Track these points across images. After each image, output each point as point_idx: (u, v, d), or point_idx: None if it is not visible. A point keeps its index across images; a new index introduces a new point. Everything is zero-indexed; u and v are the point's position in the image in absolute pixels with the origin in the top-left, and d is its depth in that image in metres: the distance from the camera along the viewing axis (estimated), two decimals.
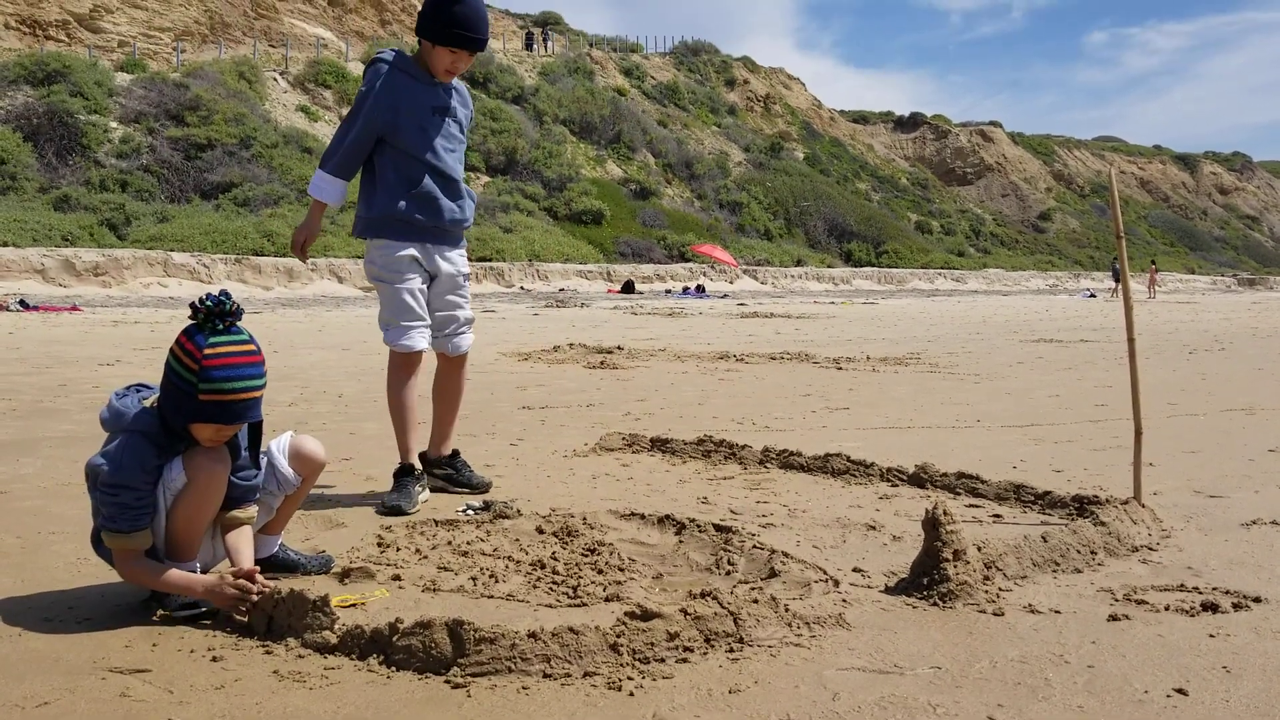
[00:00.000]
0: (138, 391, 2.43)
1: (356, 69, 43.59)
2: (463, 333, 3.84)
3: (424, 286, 3.71)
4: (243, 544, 2.46)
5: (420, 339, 3.68)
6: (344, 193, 3.65)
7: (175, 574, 2.33)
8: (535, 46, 55.81)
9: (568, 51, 59.81)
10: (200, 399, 2.29)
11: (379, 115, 3.53)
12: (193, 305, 2.34)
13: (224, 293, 2.36)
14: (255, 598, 2.25)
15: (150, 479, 2.31)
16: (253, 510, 2.52)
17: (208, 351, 2.29)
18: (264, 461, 2.60)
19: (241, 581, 2.27)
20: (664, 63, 67.24)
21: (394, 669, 2.05)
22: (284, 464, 2.61)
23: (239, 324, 2.37)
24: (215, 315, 2.32)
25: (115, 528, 2.29)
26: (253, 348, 2.36)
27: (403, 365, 3.70)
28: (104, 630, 2.28)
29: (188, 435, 2.36)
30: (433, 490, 3.77)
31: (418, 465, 3.69)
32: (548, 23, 66.23)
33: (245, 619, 2.27)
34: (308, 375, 7.82)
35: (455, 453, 3.87)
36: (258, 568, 2.37)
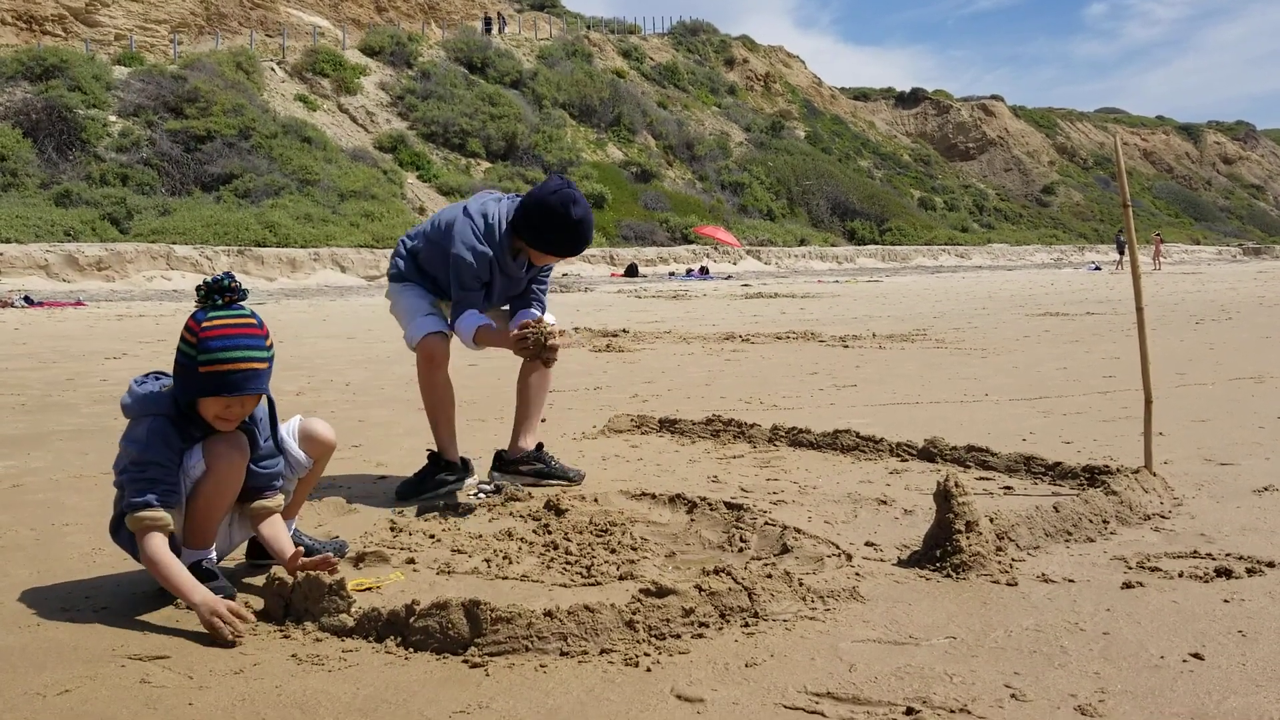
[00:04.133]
0: (157, 379, 2.46)
1: (354, 57, 43.45)
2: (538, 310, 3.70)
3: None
4: (279, 533, 2.49)
5: (434, 323, 3.52)
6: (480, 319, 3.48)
7: (184, 579, 2.24)
8: (493, 28, 54.94)
9: (565, 34, 59.51)
10: (200, 371, 2.32)
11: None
12: (197, 288, 2.40)
13: (226, 274, 2.41)
14: (231, 639, 2.11)
15: (175, 458, 2.33)
16: (280, 499, 2.54)
17: (205, 324, 2.34)
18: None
19: (231, 620, 2.14)
20: (662, 44, 66.87)
21: (412, 650, 2.06)
22: (294, 446, 2.63)
23: (242, 303, 2.41)
24: (215, 291, 2.37)
25: (144, 501, 2.27)
26: (253, 321, 2.39)
27: (424, 359, 3.52)
28: (122, 618, 2.29)
29: (197, 416, 2.39)
30: (524, 485, 3.59)
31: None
32: (544, 5, 65.87)
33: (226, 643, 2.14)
34: (314, 364, 7.83)
35: (540, 445, 3.72)
36: (304, 555, 2.40)
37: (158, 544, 2.27)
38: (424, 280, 3.65)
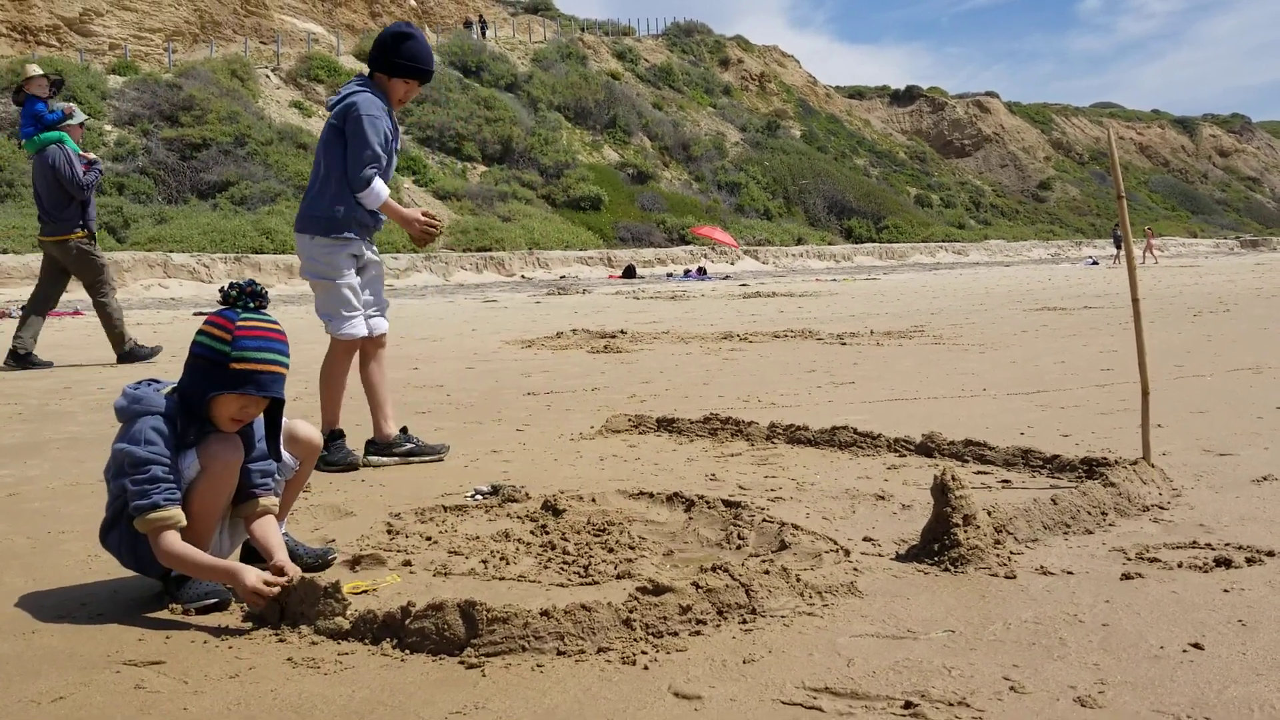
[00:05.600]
0: (150, 384, 2.46)
1: (349, 63, 43.44)
2: (382, 316, 4.31)
3: (358, 280, 4.19)
4: (270, 534, 2.47)
5: (363, 326, 4.18)
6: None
7: (209, 561, 2.32)
8: (474, 31, 54.62)
9: (559, 37, 59.52)
10: (231, 368, 2.36)
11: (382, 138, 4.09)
12: (222, 290, 2.46)
13: (251, 280, 2.50)
14: (272, 592, 2.23)
15: (174, 456, 2.33)
16: (274, 499, 2.54)
17: (240, 323, 2.40)
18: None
19: (266, 576, 2.26)
20: (657, 45, 66.88)
21: (408, 652, 2.05)
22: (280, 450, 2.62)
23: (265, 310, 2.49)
24: (247, 295, 2.45)
25: (151, 502, 2.27)
26: (279, 328, 2.48)
27: (348, 351, 4.17)
28: (117, 625, 2.28)
29: (207, 416, 2.39)
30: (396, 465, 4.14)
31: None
32: (538, 8, 65.88)
33: (257, 611, 2.27)
34: (311, 370, 7.78)
35: (404, 429, 4.25)
36: (292, 564, 2.38)
37: (173, 539, 2.28)
38: (351, 213, 4.08)
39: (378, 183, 4.04)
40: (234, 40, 45.14)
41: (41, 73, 8.63)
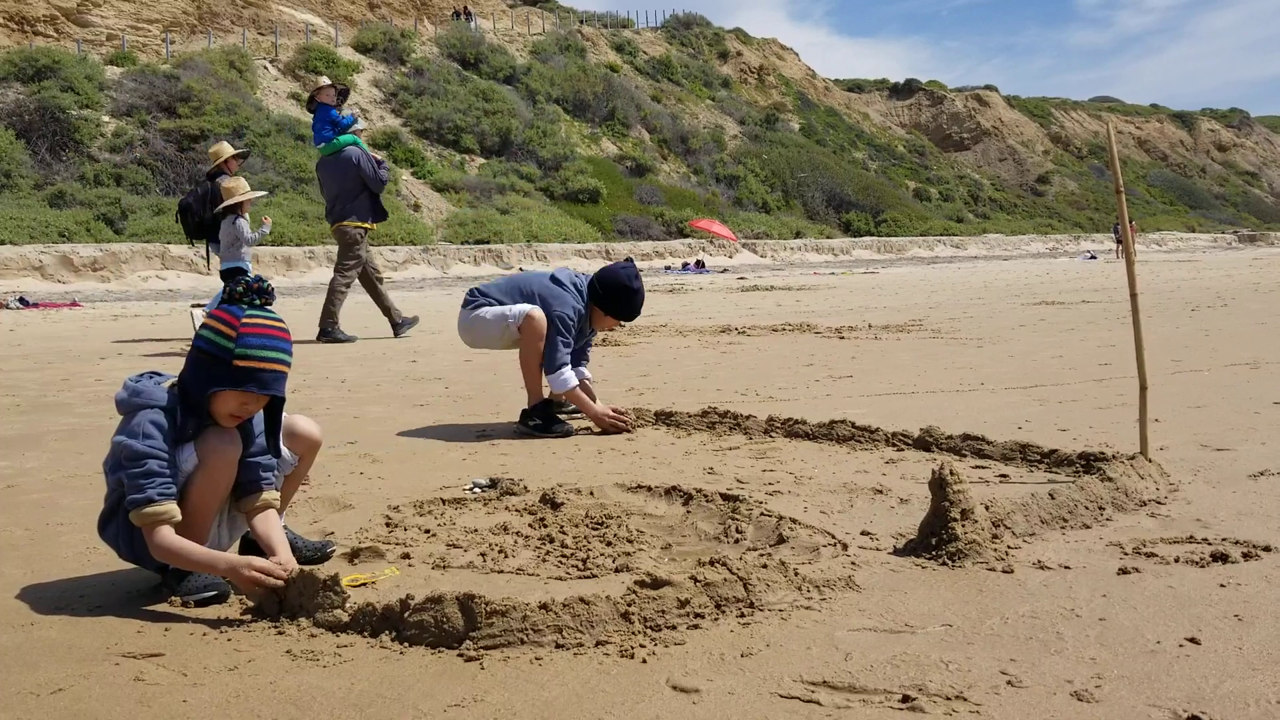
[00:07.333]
0: (151, 377, 2.45)
1: (346, 54, 43.34)
2: None
3: None
4: (273, 530, 2.46)
5: (529, 305, 4.64)
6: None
7: (205, 554, 2.32)
8: (460, 17, 54.36)
9: (558, 29, 59.37)
10: (234, 364, 2.35)
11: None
12: (231, 284, 2.46)
13: (258, 276, 2.50)
14: (274, 583, 2.24)
15: (171, 450, 2.33)
16: (275, 493, 2.53)
17: (245, 320, 2.39)
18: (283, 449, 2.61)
19: (265, 565, 2.26)
20: (656, 37, 66.71)
21: (407, 645, 2.05)
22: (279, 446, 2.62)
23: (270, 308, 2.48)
24: (253, 291, 2.43)
25: (145, 497, 2.27)
26: (284, 325, 2.47)
27: (539, 320, 4.56)
28: (116, 617, 2.28)
29: (207, 411, 2.39)
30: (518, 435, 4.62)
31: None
32: (537, 0, 65.68)
33: (257, 602, 2.27)
34: (310, 362, 7.82)
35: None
36: (293, 560, 2.38)
37: (167, 534, 2.28)
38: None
39: (567, 372, 4.52)
40: (232, 31, 45.00)
41: (330, 83, 9.79)
